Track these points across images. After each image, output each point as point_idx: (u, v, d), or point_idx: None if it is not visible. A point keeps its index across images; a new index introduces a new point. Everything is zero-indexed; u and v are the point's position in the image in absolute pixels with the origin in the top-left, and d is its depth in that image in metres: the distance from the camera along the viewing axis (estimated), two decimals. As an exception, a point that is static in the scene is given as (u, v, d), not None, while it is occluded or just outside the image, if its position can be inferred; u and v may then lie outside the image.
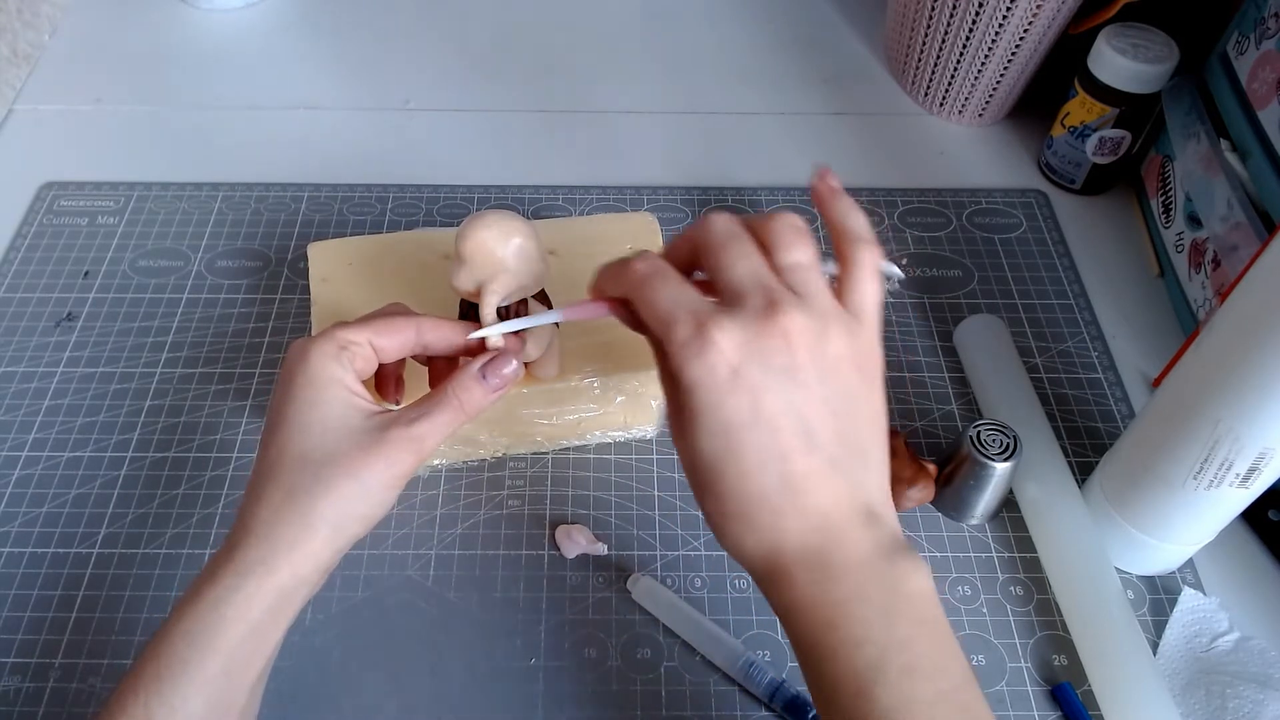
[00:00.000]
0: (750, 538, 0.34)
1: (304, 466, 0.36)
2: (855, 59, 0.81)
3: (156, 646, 0.35)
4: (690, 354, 0.33)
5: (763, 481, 0.33)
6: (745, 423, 0.33)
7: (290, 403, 0.38)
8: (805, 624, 0.33)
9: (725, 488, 0.33)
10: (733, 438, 0.33)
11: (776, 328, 0.33)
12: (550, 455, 0.55)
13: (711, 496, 0.34)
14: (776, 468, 0.33)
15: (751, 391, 0.32)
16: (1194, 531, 0.48)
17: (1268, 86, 0.55)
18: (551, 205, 0.68)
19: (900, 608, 0.32)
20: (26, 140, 0.72)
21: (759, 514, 0.33)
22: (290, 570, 0.36)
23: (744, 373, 0.32)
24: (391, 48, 0.80)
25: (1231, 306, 0.41)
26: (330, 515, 0.36)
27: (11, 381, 0.57)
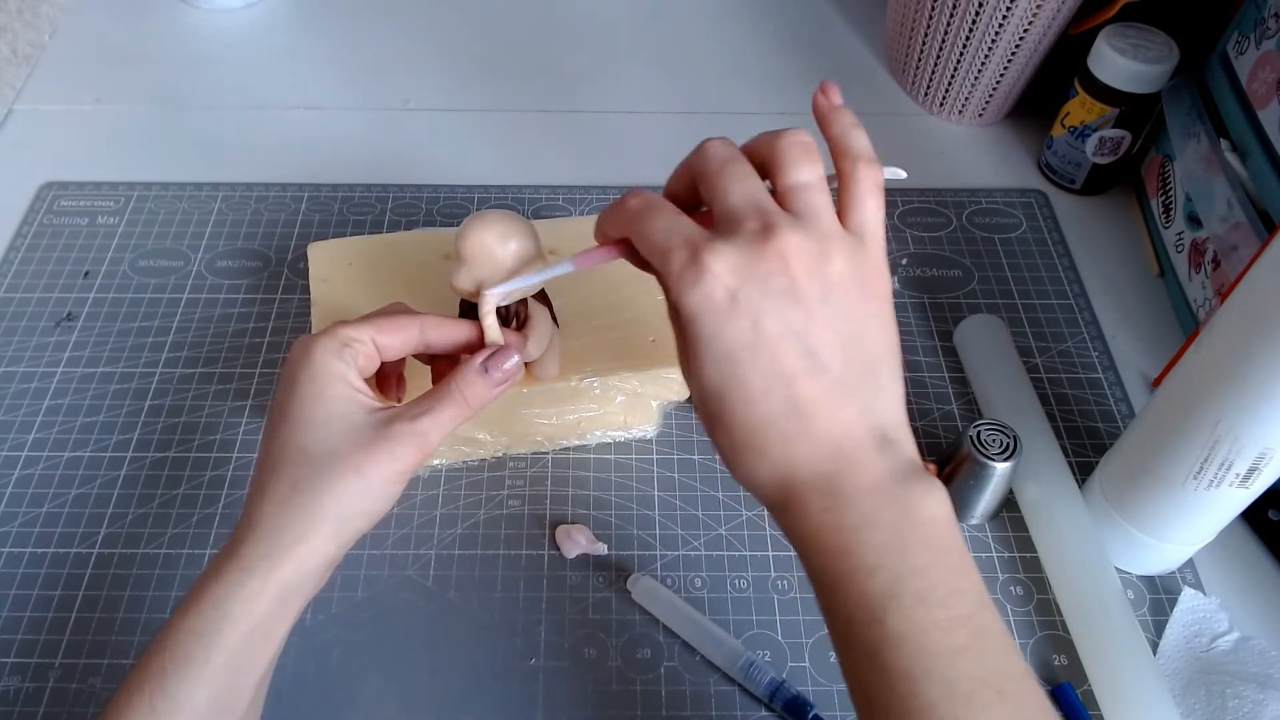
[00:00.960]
0: (762, 466, 0.33)
1: (307, 462, 0.36)
2: (855, 59, 0.81)
3: (161, 643, 0.35)
4: (687, 283, 0.32)
5: (769, 407, 0.32)
6: (747, 345, 0.32)
7: (293, 398, 0.38)
8: (818, 552, 0.32)
9: (733, 417, 0.33)
10: (736, 364, 0.32)
11: (772, 249, 0.32)
12: (550, 455, 0.55)
13: (721, 428, 0.34)
14: (782, 391, 0.32)
15: (751, 315, 0.32)
16: (1194, 531, 0.48)
17: (1268, 86, 0.55)
18: (551, 205, 0.68)
19: (914, 534, 0.32)
20: (26, 140, 0.72)
21: (768, 441, 0.33)
22: (295, 566, 0.36)
23: (741, 297, 0.32)
24: (391, 48, 0.80)
25: (1231, 306, 0.41)
26: (334, 511, 0.36)
27: (11, 381, 0.57)
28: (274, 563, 0.35)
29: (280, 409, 0.38)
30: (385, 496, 0.38)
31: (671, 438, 0.56)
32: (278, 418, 0.38)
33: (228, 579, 0.35)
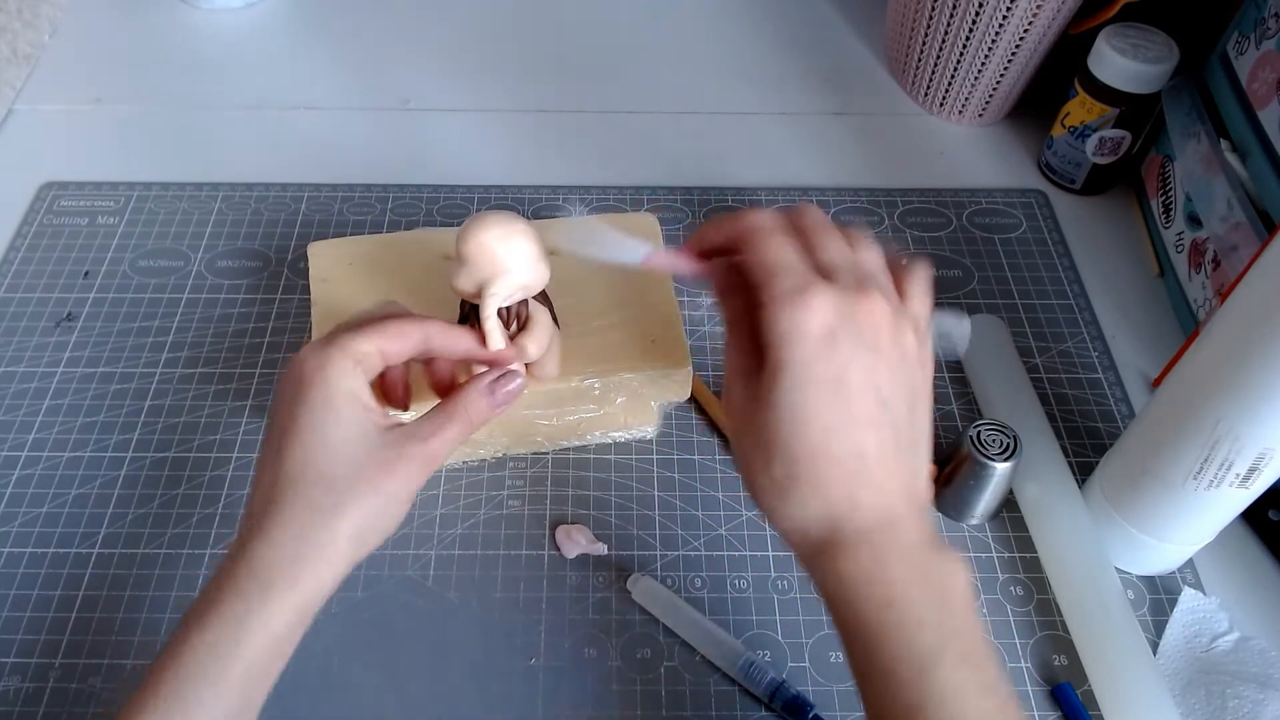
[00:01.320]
0: (813, 502, 0.34)
1: (326, 485, 0.37)
2: (855, 59, 0.81)
3: (176, 656, 0.35)
4: (792, 306, 0.34)
5: (841, 445, 0.33)
6: (831, 381, 0.33)
7: (308, 417, 0.37)
8: (863, 600, 0.33)
9: (799, 447, 0.34)
10: (818, 395, 0.33)
11: (868, 306, 0.34)
12: (550, 455, 0.55)
13: (781, 458, 0.34)
14: (855, 434, 0.34)
15: (841, 356, 0.34)
16: (1194, 531, 0.48)
17: (1268, 86, 0.55)
18: (551, 205, 0.68)
19: (951, 598, 0.33)
20: (26, 140, 0.72)
21: (829, 479, 0.34)
22: (314, 586, 0.36)
23: (838, 337, 0.34)
24: (391, 48, 0.80)
25: (1231, 306, 0.41)
26: (352, 530, 0.37)
27: (11, 381, 0.57)
28: (294, 581, 0.36)
29: (293, 428, 0.37)
30: (400, 514, 0.38)
31: (671, 438, 0.56)
32: (290, 433, 0.37)
33: (247, 596, 0.35)
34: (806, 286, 0.34)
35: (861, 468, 0.34)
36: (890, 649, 0.32)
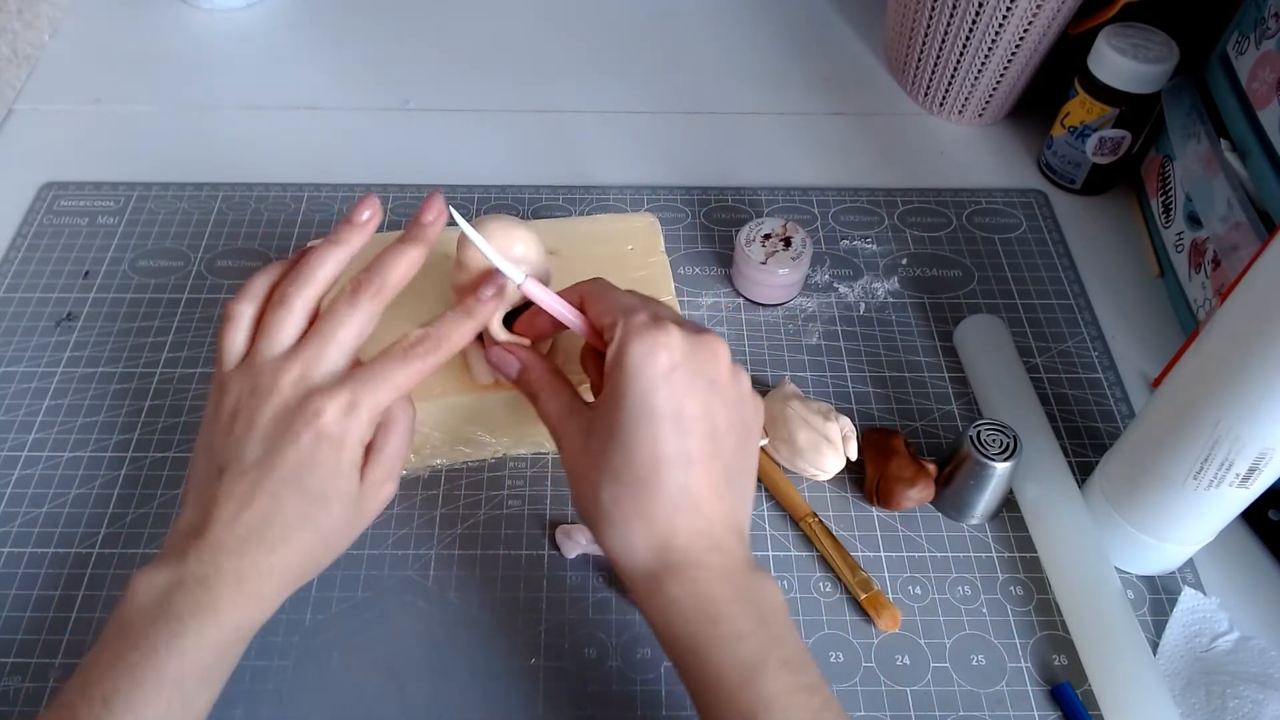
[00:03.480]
0: (641, 531, 0.37)
1: (322, 539, 0.39)
2: (855, 59, 0.81)
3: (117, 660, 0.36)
4: (642, 337, 0.37)
5: (671, 477, 0.37)
6: (669, 413, 0.37)
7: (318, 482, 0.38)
8: (688, 619, 0.36)
9: (630, 475, 0.37)
10: (654, 426, 0.36)
11: (712, 344, 0.38)
12: (550, 455, 0.55)
13: (609, 486, 0.37)
14: (685, 468, 0.37)
15: (680, 389, 0.37)
16: (1194, 531, 0.48)
17: (1268, 86, 0.55)
18: (551, 205, 0.68)
19: (769, 611, 0.37)
20: (26, 140, 0.72)
21: (657, 506, 0.37)
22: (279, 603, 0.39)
23: (680, 372, 0.37)
24: (391, 48, 0.80)
25: (1231, 306, 0.41)
26: (327, 563, 0.40)
27: (11, 381, 0.57)
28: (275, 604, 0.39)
29: (299, 483, 0.38)
30: None
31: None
32: (294, 487, 0.38)
33: (243, 607, 0.37)
34: (657, 324, 0.37)
35: (686, 500, 0.37)
36: (718, 660, 0.35)
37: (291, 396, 0.38)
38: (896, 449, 0.53)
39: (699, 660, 0.35)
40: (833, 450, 0.52)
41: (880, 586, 0.50)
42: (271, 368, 0.39)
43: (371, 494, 0.40)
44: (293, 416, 0.38)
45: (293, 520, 0.38)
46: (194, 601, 0.36)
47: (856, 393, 0.58)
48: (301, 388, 0.39)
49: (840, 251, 0.66)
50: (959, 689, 0.47)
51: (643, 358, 0.37)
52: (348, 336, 0.40)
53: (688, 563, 0.36)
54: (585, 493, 0.38)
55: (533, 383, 0.43)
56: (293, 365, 0.39)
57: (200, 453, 0.40)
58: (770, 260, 0.59)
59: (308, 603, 0.49)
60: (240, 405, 0.39)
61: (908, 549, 0.52)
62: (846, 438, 0.53)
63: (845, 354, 0.60)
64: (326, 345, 0.40)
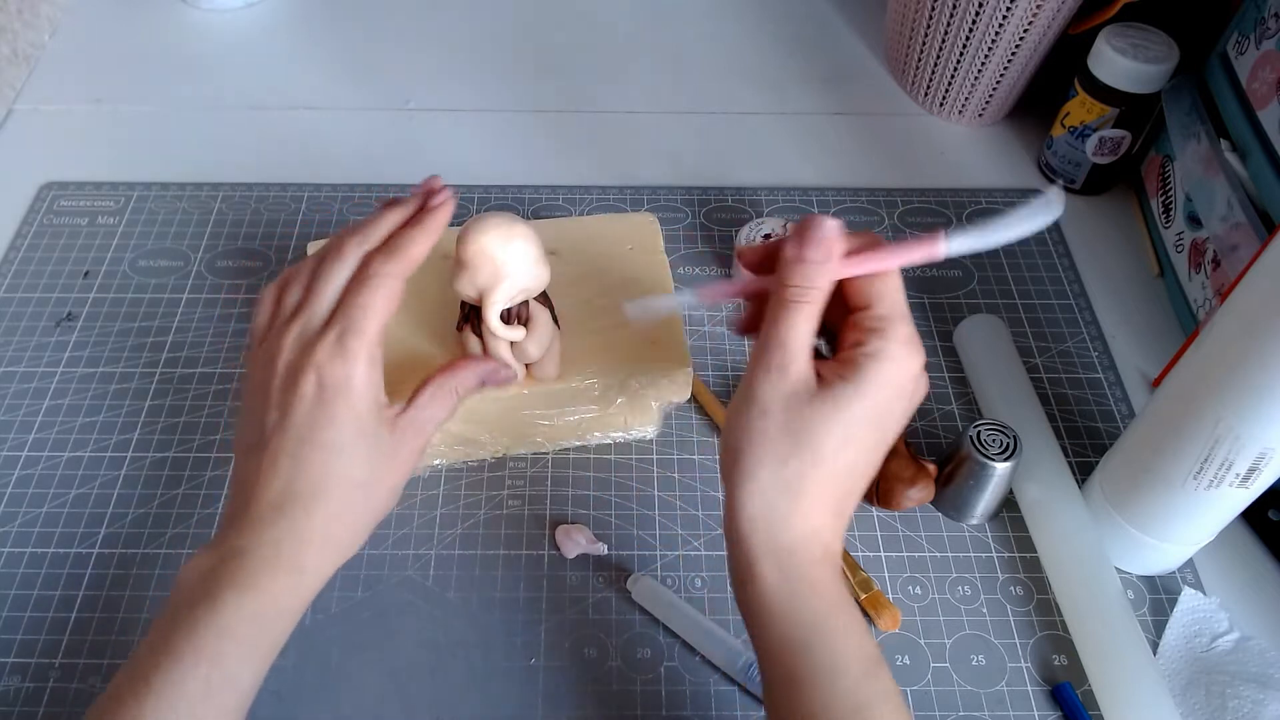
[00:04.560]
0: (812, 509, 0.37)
1: (356, 490, 0.38)
2: (855, 59, 0.81)
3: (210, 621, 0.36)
4: (907, 356, 0.37)
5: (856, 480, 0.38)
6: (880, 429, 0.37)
7: (334, 432, 0.38)
8: (819, 600, 0.36)
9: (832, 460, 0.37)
10: (866, 431, 0.37)
11: (925, 380, 0.39)
12: (550, 455, 0.55)
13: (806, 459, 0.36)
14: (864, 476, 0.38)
15: (897, 412, 0.38)
16: (1194, 531, 0.48)
17: (1268, 86, 0.55)
18: (551, 205, 0.68)
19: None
20: (26, 140, 0.72)
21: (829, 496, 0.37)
22: (334, 568, 0.39)
23: (904, 397, 0.38)
24: (391, 48, 0.80)
25: (1231, 306, 0.41)
26: (375, 520, 0.40)
27: (11, 381, 0.57)
28: (325, 571, 0.39)
29: (317, 439, 0.37)
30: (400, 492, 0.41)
31: (671, 438, 0.56)
32: (315, 445, 0.37)
33: (287, 579, 0.37)
34: (915, 344, 0.38)
35: (846, 507, 0.38)
36: (843, 647, 0.35)
37: (292, 355, 0.38)
38: (896, 449, 0.53)
39: (823, 640, 0.35)
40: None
41: (880, 586, 0.50)
42: (277, 333, 0.39)
43: (401, 445, 0.39)
44: (295, 374, 0.38)
45: (319, 478, 0.37)
46: (230, 576, 0.36)
47: (856, 393, 0.58)
48: (299, 342, 0.38)
49: (840, 251, 0.66)
50: (959, 689, 0.47)
51: (903, 372, 0.37)
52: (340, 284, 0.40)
53: (825, 556, 0.37)
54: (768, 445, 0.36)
55: (812, 290, 0.37)
56: (293, 325, 0.39)
57: (236, 441, 0.40)
58: (770, 260, 0.59)
59: None
60: (258, 382, 0.39)
61: (908, 549, 0.52)
62: (846, 438, 0.53)
63: (845, 354, 0.60)
64: (321, 298, 0.39)
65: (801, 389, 0.36)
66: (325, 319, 0.39)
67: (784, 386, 0.36)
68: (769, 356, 0.37)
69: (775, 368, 0.36)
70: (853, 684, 0.35)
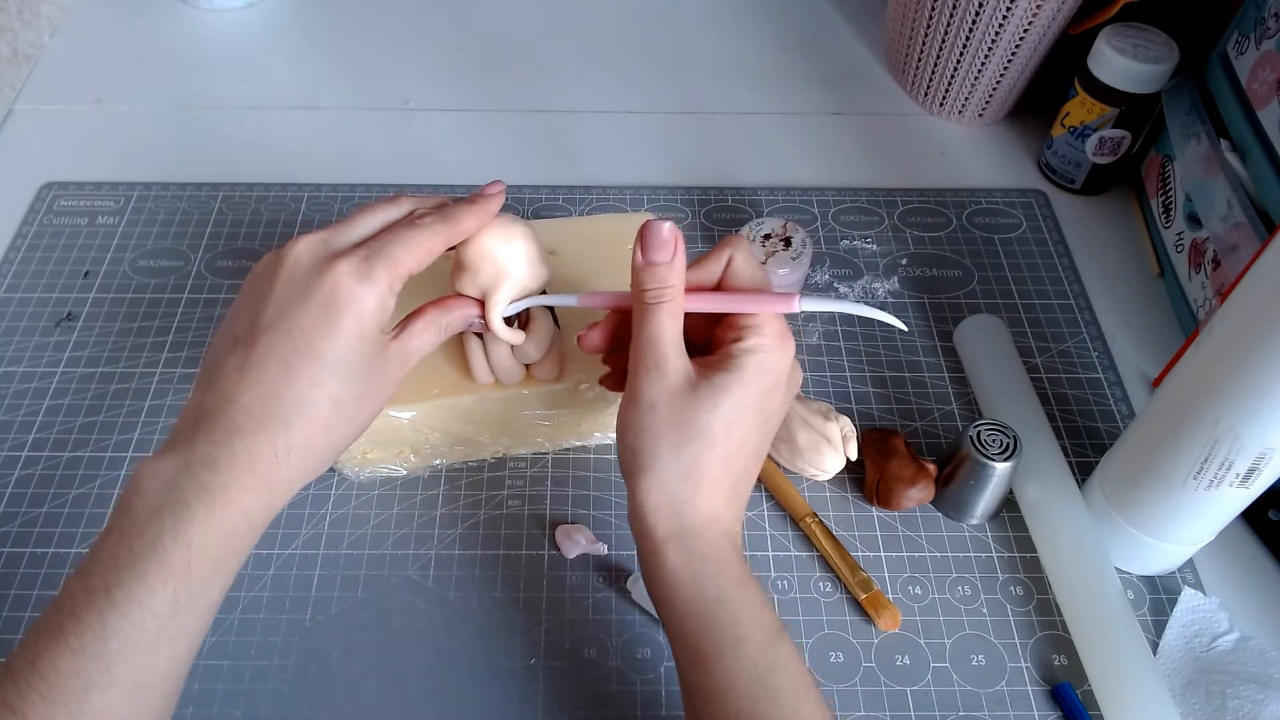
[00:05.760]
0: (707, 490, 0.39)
1: (341, 410, 0.37)
2: (855, 59, 0.81)
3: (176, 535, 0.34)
4: (786, 343, 0.40)
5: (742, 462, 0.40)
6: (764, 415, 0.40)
7: (332, 345, 0.36)
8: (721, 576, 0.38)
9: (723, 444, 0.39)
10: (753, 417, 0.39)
11: (799, 371, 0.42)
12: (550, 455, 0.55)
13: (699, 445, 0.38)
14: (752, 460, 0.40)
15: (778, 400, 0.40)
16: (1194, 531, 0.48)
17: (1268, 86, 0.55)
18: (551, 205, 0.68)
19: None
20: (26, 140, 0.72)
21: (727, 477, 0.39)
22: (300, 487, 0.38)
23: (782, 385, 0.40)
24: (391, 48, 0.80)
25: (1231, 306, 0.41)
26: (347, 445, 0.39)
27: (11, 381, 0.57)
28: (294, 486, 0.37)
29: (313, 348, 0.36)
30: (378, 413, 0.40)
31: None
32: (309, 354, 0.36)
33: (257, 493, 0.35)
34: (787, 337, 0.40)
35: (743, 486, 0.40)
36: (745, 619, 0.37)
37: (308, 260, 0.37)
38: (896, 449, 0.53)
39: (727, 614, 0.37)
40: (833, 450, 0.52)
41: (880, 586, 0.50)
42: (292, 242, 0.38)
43: (388, 371, 0.39)
44: (308, 278, 0.36)
45: (308, 392, 0.36)
46: (201, 487, 0.34)
47: (856, 393, 0.58)
48: (319, 253, 0.37)
49: (840, 251, 0.66)
50: (959, 689, 0.47)
51: (778, 364, 0.39)
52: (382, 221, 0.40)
53: (725, 535, 0.39)
54: (660, 436, 0.38)
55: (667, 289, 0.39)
56: (314, 236, 0.38)
57: (216, 332, 0.39)
58: (770, 260, 0.59)
59: (308, 603, 0.49)
60: (262, 273, 0.38)
61: (908, 549, 0.52)
62: (846, 438, 0.53)
63: (845, 354, 0.60)
64: (358, 224, 0.39)
65: (682, 381, 0.39)
66: (356, 242, 0.38)
67: (664, 382, 0.39)
68: (645, 358, 0.39)
69: (653, 366, 0.39)
70: (755, 651, 0.36)
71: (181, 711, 0.45)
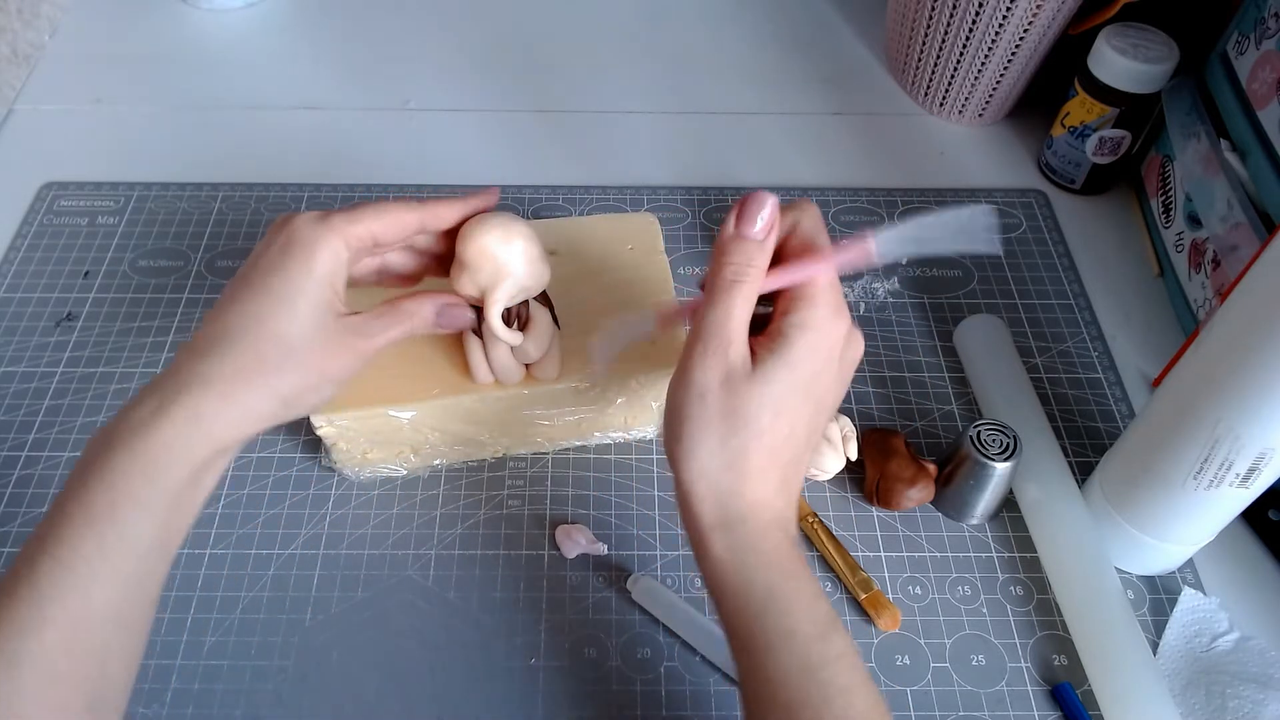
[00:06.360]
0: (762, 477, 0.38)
1: (278, 345, 0.37)
2: (855, 59, 0.81)
3: (104, 481, 0.34)
4: (832, 316, 0.38)
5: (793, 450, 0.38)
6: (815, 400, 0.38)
7: (281, 283, 0.38)
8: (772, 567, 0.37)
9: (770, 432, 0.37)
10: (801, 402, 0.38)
11: (858, 345, 0.40)
12: (550, 455, 0.55)
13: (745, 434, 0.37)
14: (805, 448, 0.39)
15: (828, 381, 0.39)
16: (1194, 531, 0.48)
17: (1268, 86, 0.55)
18: (551, 205, 0.68)
19: None
20: (26, 140, 0.72)
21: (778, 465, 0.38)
22: (236, 431, 0.37)
23: (834, 364, 0.39)
24: (391, 48, 0.80)
25: (1231, 306, 0.41)
26: (286, 393, 0.38)
27: (11, 381, 0.57)
28: (225, 423, 0.36)
29: (262, 286, 0.38)
30: (328, 395, 0.40)
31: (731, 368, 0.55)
32: (258, 292, 0.38)
33: (179, 424, 0.35)
34: (841, 310, 0.38)
35: (794, 474, 0.39)
36: (796, 610, 0.36)
37: (281, 220, 0.40)
38: (896, 449, 0.53)
39: (777, 607, 0.36)
40: (833, 450, 0.52)
41: (880, 586, 0.50)
42: None
43: (343, 335, 0.39)
44: (273, 230, 0.39)
45: (247, 323, 0.37)
46: (125, 426, 0.35)
47: (856, 393, 0.58)
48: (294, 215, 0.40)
49: (840, 251, 0.66)
50: (959, 689, 0.47)
51: (828, 337, 0.38)
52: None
53: (776, 522, 0.37)
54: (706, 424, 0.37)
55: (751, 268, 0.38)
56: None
57: None
58: (770, 260, 0.59)
59: (308, 603, 0.49)
60: None
61: (908, 549, 0.52)
62: (846, 438, 0.53)
63: (845, 354, 0.60)
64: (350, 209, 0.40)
65: (739, 370, 0.37)
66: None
67: (721, 370, 0.37)
68: (707, 341, 0.37)
69: (713, 352, 0.37)
70: (804, 645, 0.35)
71: (181, 711, 0.45)
